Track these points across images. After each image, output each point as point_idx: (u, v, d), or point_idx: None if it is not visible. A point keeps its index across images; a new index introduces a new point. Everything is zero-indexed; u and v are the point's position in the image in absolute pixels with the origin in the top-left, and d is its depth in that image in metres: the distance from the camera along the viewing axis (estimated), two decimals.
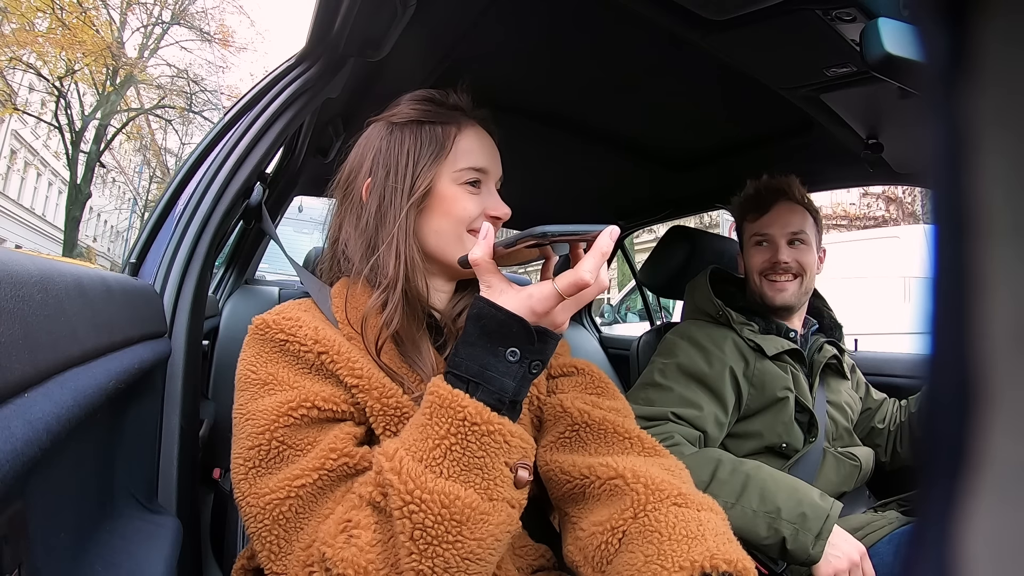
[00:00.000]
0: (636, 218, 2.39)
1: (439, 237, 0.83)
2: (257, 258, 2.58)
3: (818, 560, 1.01)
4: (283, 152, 1.70)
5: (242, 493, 0.69)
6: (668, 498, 0.72)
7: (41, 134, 18.40)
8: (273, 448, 0.68)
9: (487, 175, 0.86)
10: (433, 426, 0.63)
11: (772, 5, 0.92)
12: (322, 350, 0.74)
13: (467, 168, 0.83)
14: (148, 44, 14.35)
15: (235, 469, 0.70)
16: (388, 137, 0.86)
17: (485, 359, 0.65)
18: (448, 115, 0.86)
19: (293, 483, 0.67)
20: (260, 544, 0.67)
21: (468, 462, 0.62)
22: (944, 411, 0.15)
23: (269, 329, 0.76)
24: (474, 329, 0.67)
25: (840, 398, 1.42)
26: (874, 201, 12.79)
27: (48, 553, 0.53)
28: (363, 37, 1.05)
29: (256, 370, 0.74)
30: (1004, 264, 0.14)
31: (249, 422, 0.70)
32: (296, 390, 0.71)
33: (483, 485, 0.62)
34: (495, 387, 0.64)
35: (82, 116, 13.25)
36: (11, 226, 18.17)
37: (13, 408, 0.41)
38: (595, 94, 1.44)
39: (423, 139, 0.84)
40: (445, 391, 0.63)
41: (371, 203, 0.83)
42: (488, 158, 0.86)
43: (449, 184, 0.83)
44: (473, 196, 0.84)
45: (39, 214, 20.57)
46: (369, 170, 0.85)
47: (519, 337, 0.65)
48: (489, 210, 0.84)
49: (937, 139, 0.15)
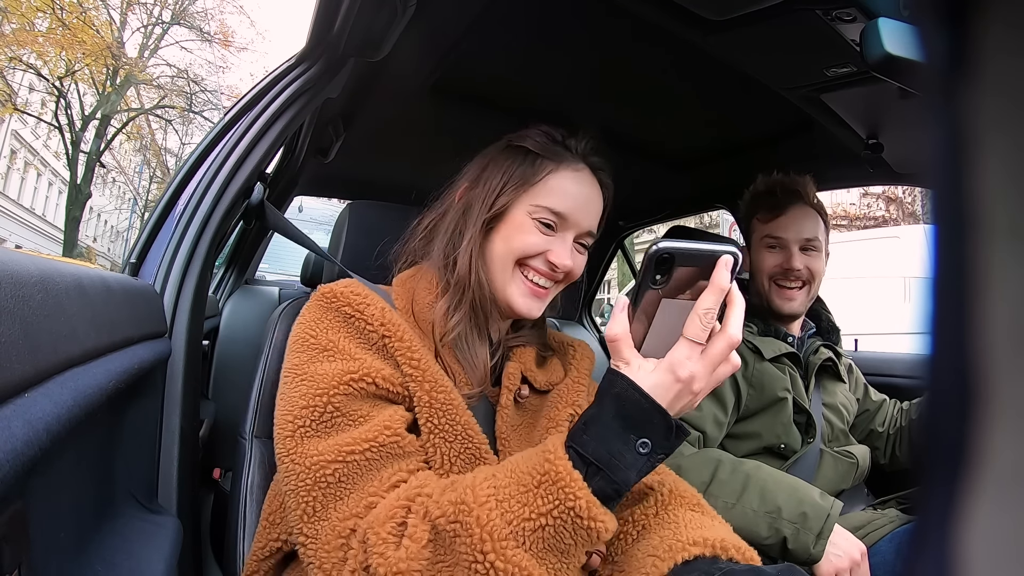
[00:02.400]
0: (636, 218, 2.39)
1: (492, 262, 0.84)
2: (257, 258, 2.58)
3: (819, 559, 1.01)
4: (283, 152, 1.70)
5: (286, 449, 0.69)
6: (688, 503, 0.77)
7: (41, 134, 18.43)
8: (327, 412, 0.69)
9: (565, 222, 0.84)
10: (537, 497, 0.60)
11: (772, 5, 0.92)
12: (387, 332, 0.75)
13: (544, 206, 0.83)
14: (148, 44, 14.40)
15: (282, 426, 0.70)
16: (499, 154, 0.89)
17: (615, 445, 0.61)
18: (556, 152, 0.86)
19: (343, 449, 0.67)
20: (296, 502, 0.67)
21: (554, 544, 0.60)
22: (944, 411, 0.15)
23: (336, 300, 0.77)
24: (611, 409, 0.62)
25: (835, 400, 1.42)
26: (874, 201, 12.79)
27: (48, 553, 0.53)
28: (363, 37, 1.05)
29: (317, 335, 0.75)
30: (1004, 264, 0.14)
31: (305, 383, 0.71)
32: (358, 361, 0.72)
33: (556, 567, 0.60)
34: (618, 478, 0.60)
35: (82, 116, 13.26)
36: (11, 226, 18.17)
37: (13, 408, 0.41)
38: (595, 93, 1.44)
39: (521, 165, 0.85)
40: (564, 468, 0.60)
41: (460, 206, 0.88)
42: (574, 206, 0.84)
43: (523, 214, 0.83)
44: (540, 234, 0.83)
45: (39, 214, 20.60)
46: (470, 176, 0.89)
47: (657, 430, 0.61)
48: (551, 255, 0.82)
49: (937, 139, 0.15)
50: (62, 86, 12.53)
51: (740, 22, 0.99)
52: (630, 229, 2.48)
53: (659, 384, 0.62)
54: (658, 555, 0.68)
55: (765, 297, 1.41)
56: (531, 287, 0.84)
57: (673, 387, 0.62)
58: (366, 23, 1.01)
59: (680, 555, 0.67)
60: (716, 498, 1.09)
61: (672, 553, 0.67)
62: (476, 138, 1.00)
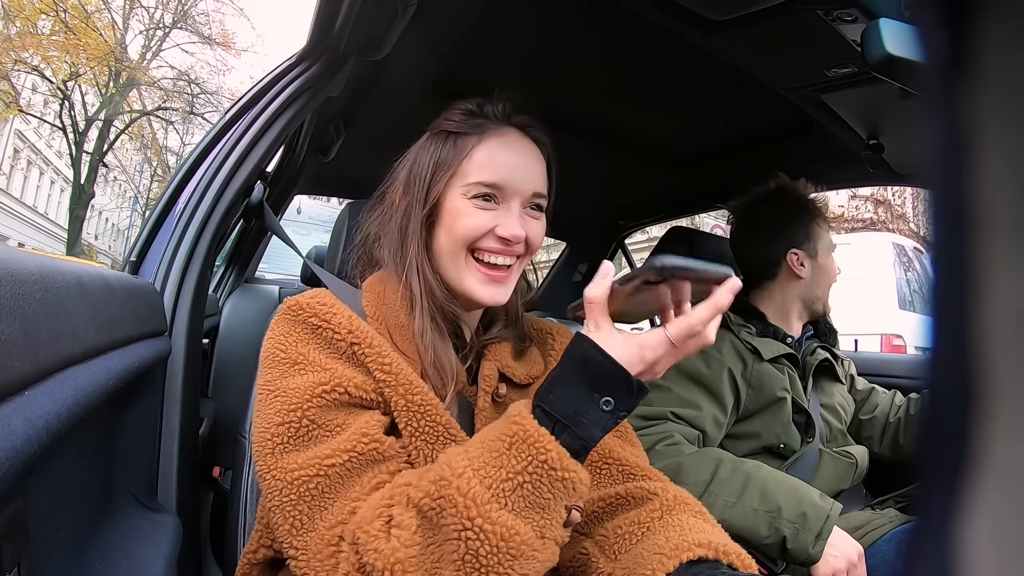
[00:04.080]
0: (636, 218, 2.39)
1: (443, 257, 0.81)
2: (257, 257, 2.58)
3: (818, 560, 1.02)
4: (284, 151, 1.70)
5: (267, 467, 0.68)
6: (691, 510, 0.78)
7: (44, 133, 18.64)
8: (303, 426, 0.68)
9: (504, 191, 0.79)
10: (510, 457, 0.62)
11: (773, 5, 0.92)
12: (355, 340, 0.74)
13: (475, 183, 0.79)
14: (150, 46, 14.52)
15: (260, 444, 0.70)
16: (422, 147, 0.85)
17: (579, 403, 0.63)
18: (475, 125, 0.81)
19: (323, 462, 0.66)
20: (283, 518, 0.67)
21: (534, 500, 0.62)
22: (944, 409, 0.15)
23: (302, 311, 0.76)
24: (574, 370, 0.65)
25: (833, 400, 1.42)
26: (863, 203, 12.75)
27: (48, 551, 0.53)
28: (364, 36, 1.05)
29: (286, 349, 0.74)
30: (1004, 263, 0.14)
31: (279, 399, 0.70)
32: (329, 371, 0.71)
33: (540, 523, 0.62)
34: (583, 434, 0.63)
35: (85, 117, 13.40)
36: (14, 223, 18.37)
37: (13, 406, 0.41)
38: (595, 94, 1.44)
39: (445, 150, 0.81)
40: (531, 427, 0.62)
41: (399, 210, 0.84)
42: (507, 172, 0.79)
43: (458, 198, 0.79)
44: (481, 212, 0.79)
45: (41, 212, 20.78)
46: (402, 177, 0.85)
47: (620, 389, 0.64)
48: (499, 229, 0.78)
49: (937, 138, 0.15)
50: (66, 88, 12.66)
51: (741, 22, 0.99)
52: (631, 229, 2.48)
53: (624, 357, 0.64)
54: (664, 553, 0.69)
55: (823, 303, 1.44)
56: (488, 274, 0.80)
57: (636, 364, 0.65)
58: (367, 23, 1.01)
59: (686, 554, 0.68)
60: (717, 496, 1.10)
61: (678, 552, 0.68)
62: None
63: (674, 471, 1.13)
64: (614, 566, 0.74)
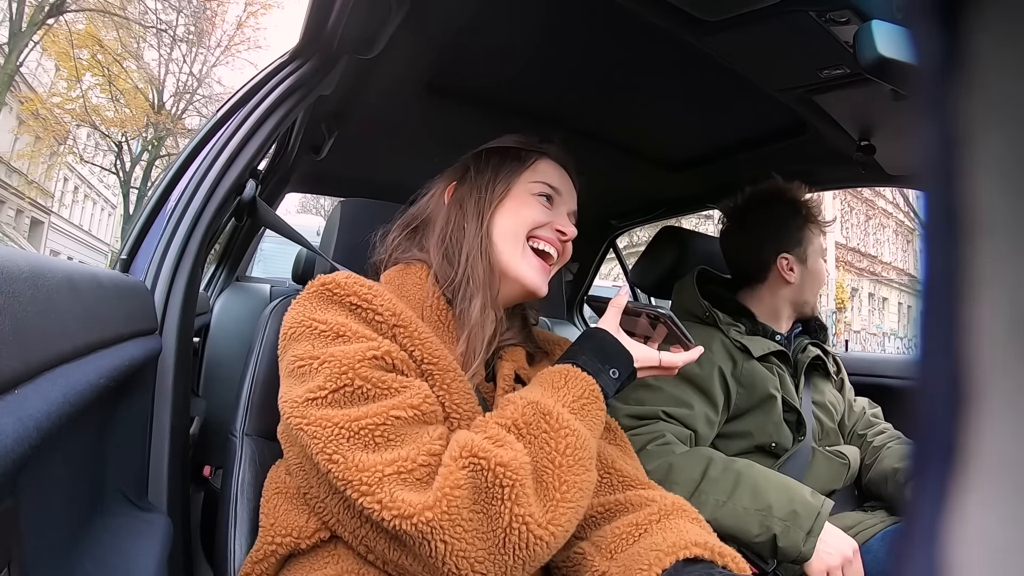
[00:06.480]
0: (628, 218, 2.39)
1: (503, 241, 0.88)
2: (248, 255, 2.57)
3: (809, 557, 1.02)
4: (276, 149, 1.70)
5: (324, 416, 0.66)
6: (688, 515, 0.81)
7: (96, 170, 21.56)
8: (357, 387, 0.68)
9: (560, 196, 0.94)
10: (571, 391, 0.76)
11: (766, 6, 0.93)
12: (398, 323, 0.75)
13: (542, 182, 0.92)
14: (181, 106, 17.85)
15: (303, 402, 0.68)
16: (476, 156, 0.96)
17: (597, 366, 0.81)
18: (532, 146, 0.96)
19: (390, 412, 0.67)
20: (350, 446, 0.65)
21: (592, 423, 0.76)
22: (935, 410, 0.15)
23: (339, 289, 0.76)
24: (590, 345, 0.83)
25: (825, 398, 1.43)
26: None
27: (38, 551, 0.52)
28: (357, 34, 1.05)
29: (326, 320, 0.73)
30: (995, 265, 0.14)
31: (326, 365, 0.68)
32: (377, 341, 0.72)
33: (596, 430, 0.78)
34: (604, 383, 0.80)
35: (131, 159, 17.17)
36: (65, 241, 21.77)
37: (3, 405, 0.41)
38: (588, 93, 1.44)
39: (507, 157, 0.94)
40: (577, 370, 0.79)
41: (451, 203, 0.92)
42: (564, 185, 0.95)
43: (524, 191, 0.91)
44: (543, 208, 0.91)
45: (86, 229, 24.51)
46: (456, 176, 0.95)
47: (623, 364, 0.83)
48: (556, 224, 0.91)
49: (929, 140, 0.16)
50: (119, 147, 16.52)
51: (734, 23, 0.99)
52: (622, 229, 2.48)
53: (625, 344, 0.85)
54: (661, 549, 0.71)
55: (812, 306, 1.46)
56: (540, 262, 0.90)
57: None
58: (360, 20, 1.01)
59: (682, 552, 0.70)
60: (707, 496, 1.10)
61: (675, 549, 0.70)
62: (470, 137, 0.99)
63: (665, 471, 1.13)
64: (610, 564, 0.75)
